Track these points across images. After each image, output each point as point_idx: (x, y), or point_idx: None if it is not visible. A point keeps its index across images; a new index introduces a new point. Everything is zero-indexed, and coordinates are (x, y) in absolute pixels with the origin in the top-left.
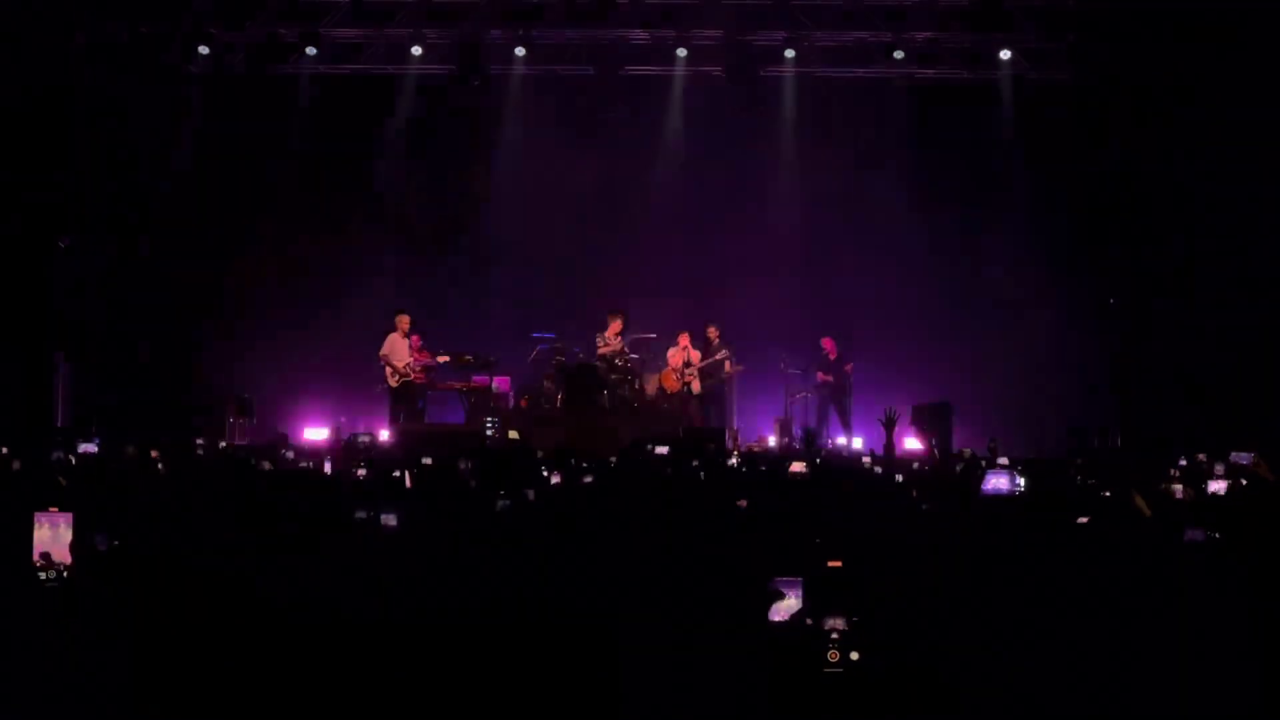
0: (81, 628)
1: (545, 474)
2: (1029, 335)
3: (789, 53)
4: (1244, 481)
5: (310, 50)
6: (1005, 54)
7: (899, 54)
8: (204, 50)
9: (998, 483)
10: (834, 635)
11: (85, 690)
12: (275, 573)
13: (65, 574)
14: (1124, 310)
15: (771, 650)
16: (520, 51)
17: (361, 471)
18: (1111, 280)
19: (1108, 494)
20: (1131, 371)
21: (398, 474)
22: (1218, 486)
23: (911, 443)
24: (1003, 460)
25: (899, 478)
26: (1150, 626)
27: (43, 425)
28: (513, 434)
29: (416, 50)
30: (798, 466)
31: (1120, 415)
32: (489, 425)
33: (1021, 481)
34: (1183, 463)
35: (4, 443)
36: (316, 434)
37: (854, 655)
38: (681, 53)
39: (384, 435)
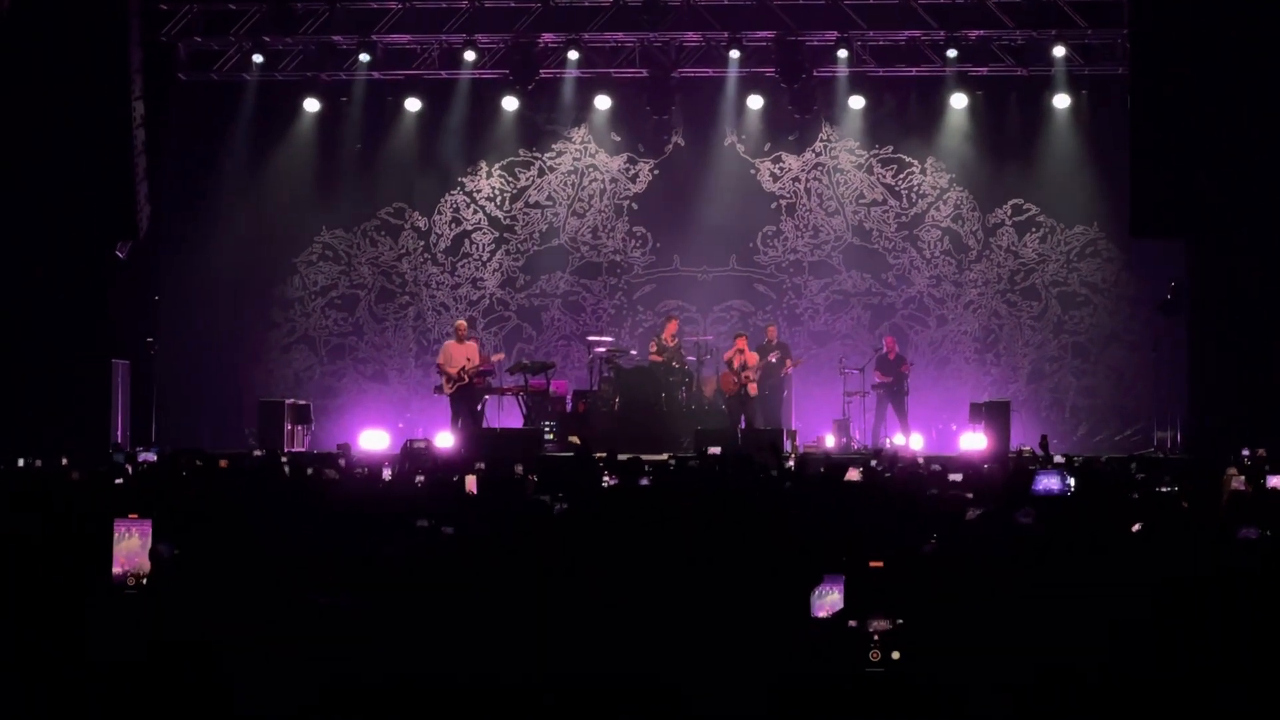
0: (160, 634)
1: (603, 478)
2: (1089, 331)
3: (842, 52)
4: None
5: (364, 57)
6: (1059, 50)
7: (953, 52)
8: (259, 59)
9: (1048, 483)
10: (875, 635)
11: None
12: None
13: (145, 581)
14: (1185, 304)
15: (813, 648)
16: (573, 55)
17: (419, 479)
18: (1171, 274)
19: (1164, 489)
20: (1194, 366)
21: (457, 478)
22: (1278, 481)
23: (968, 440)
24: (1058, 459)
25: (956, 477)
26: (1203, 628)
27: (101, 434)
28: (573, 439)
29: (469, 55)
30: (853, 474)
31: (1183, 412)
32: (547, 429)
33: (1072, 481)
34: (1245, 452)
35: (64, 453)
36: (374, 437)
37: (895, 655)
38: (735, 54)
39: (441, 440)
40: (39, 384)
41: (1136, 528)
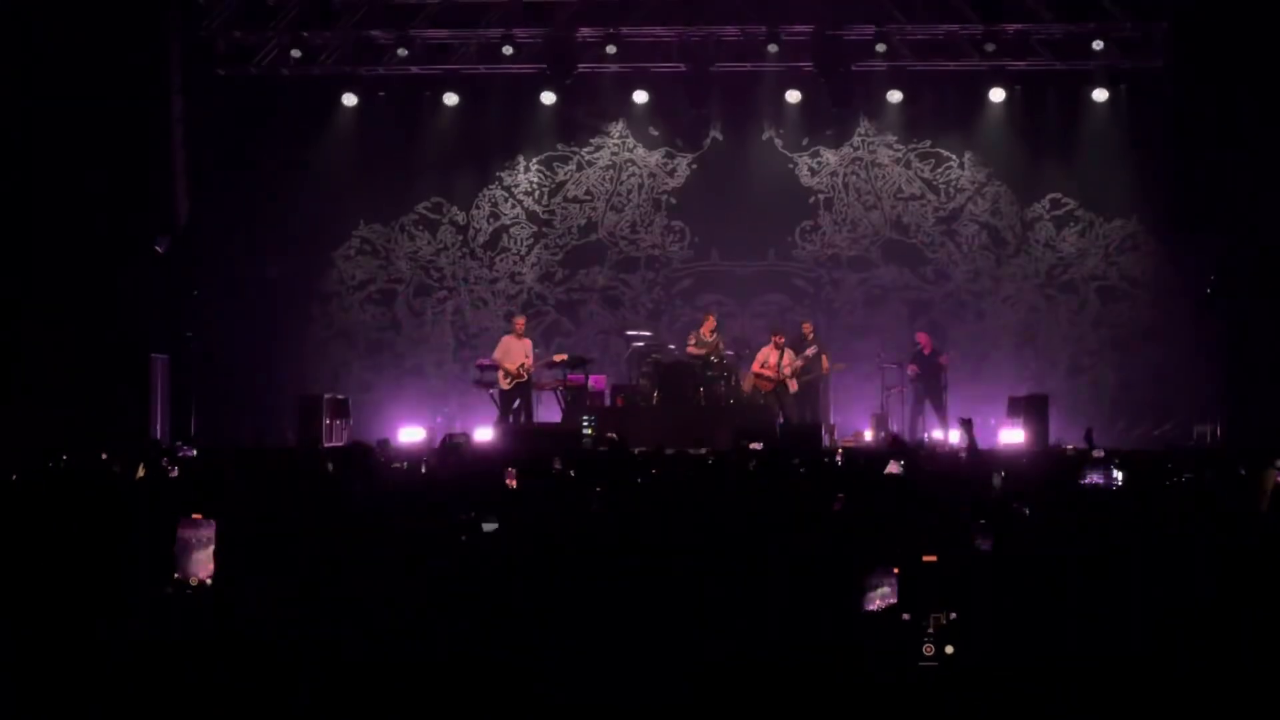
0: (227, 635)
1: (641, 472)
2: (1128, 325)
3: (880, 47)
4: None
5: (402, 51)
6: (1098, 43)
7: (991, 46)
8: (297, 53)
9: (1096, 477)
10: (929, 629)
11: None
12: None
13: (209, 582)
14: (1225, 298)
15: (866, 641)
16: (611, 49)
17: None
18: (1211, 268)
19: (1207, 475)
20: (1234, 360)
21: (496, 473)
22: None
23: (1007, 435)
24: (1098, 453)
25: (1002, 474)
26: (1249, 622)
27: (140, 429)
28: (610, 436)
29: (507, 50)
30: (894, 468)
31: (1224, 405)
32: (585, 424)
33: (1120, 475)
34: None
35: (104, 448)
36: (412, 434)
37: (949, 649)
38: (773, 48)
39: (479, 434)
40: (78, 379)
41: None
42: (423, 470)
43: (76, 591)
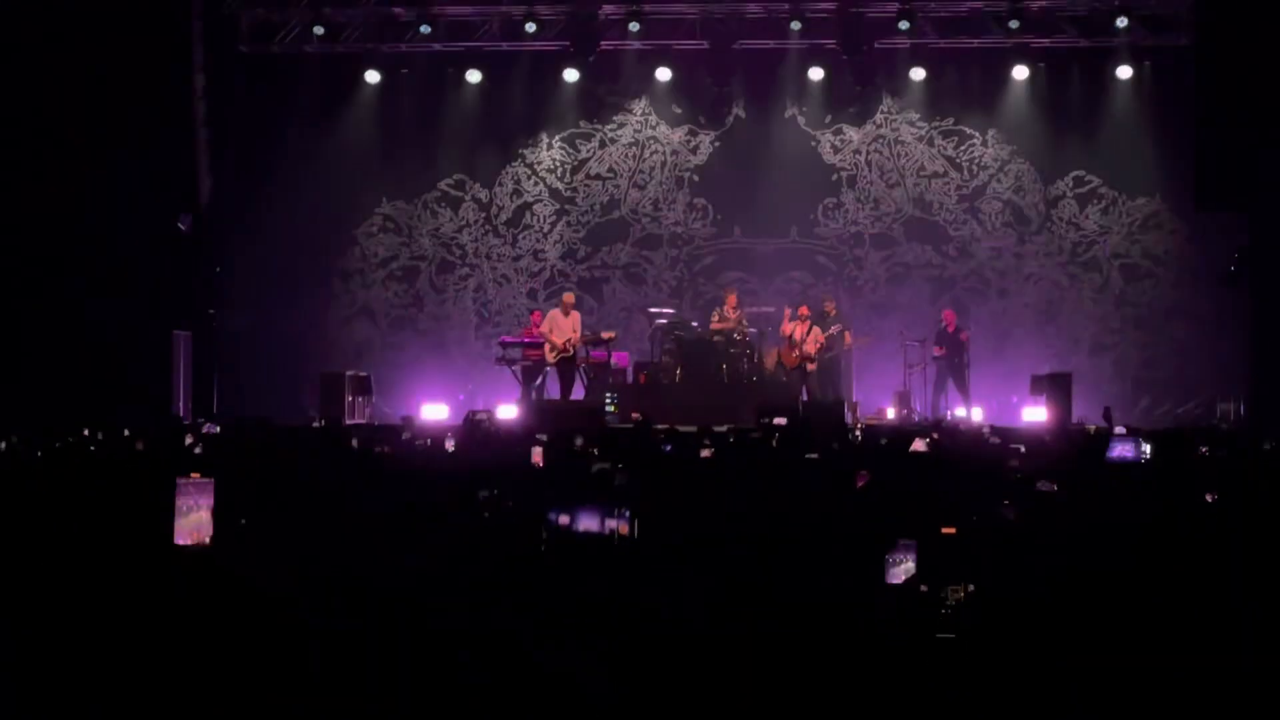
0: (222, 595)
1: (663, 449)
2: (1151, 303)
3: (903, 24)
4: None
5: (425, 28)
6: (1122, 20)
7: (1015, 24)
8: (320, 30)
9: (1123, 450)
10: (948, 601)
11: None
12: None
13: (208, 541)
14: (1248, 276)
15: (885, 613)
16: (634, 27)
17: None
18: (1234, 246)
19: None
20: (1257, 338)
21: (520, 450)
22: None
23: (1030, 413)
24: (1120, 430)
25: (1020, 448)
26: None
27: (163, 406)
28: (635, 416)
29: (530, 27)
30: (919, 445)
31: (1246, 384)
32: (608, 401)
33: (1148, 448)
34: None
35: (127, 424)
36: (435, 410)
37: (967, 621)
38: (796, 25)
39: (502, 411)
40: (101, 356)
41: (1210, 498)
42: (448, 447)
43: (95, 567)
